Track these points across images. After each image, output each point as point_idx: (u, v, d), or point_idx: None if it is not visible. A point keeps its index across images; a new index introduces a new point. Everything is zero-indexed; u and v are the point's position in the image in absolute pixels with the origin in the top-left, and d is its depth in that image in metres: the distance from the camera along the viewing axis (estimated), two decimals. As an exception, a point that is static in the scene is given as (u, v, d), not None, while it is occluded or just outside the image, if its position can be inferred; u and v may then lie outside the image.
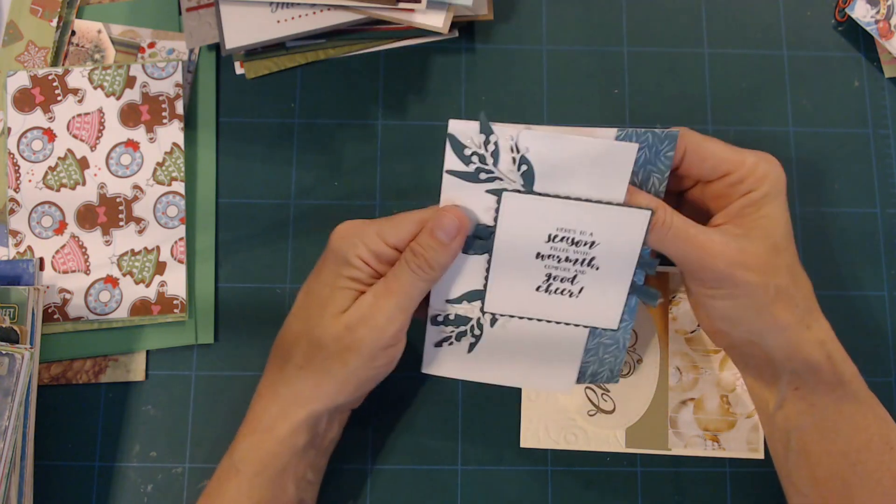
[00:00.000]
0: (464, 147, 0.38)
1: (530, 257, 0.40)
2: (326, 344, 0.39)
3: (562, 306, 0.41)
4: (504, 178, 0.38)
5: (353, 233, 0.40)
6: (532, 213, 0.39)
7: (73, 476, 0.46)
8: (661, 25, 0.53)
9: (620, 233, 0.39)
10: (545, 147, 0.37)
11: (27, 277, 0.47)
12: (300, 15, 0.49)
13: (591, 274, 0.40)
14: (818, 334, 0.40)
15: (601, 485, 0.47)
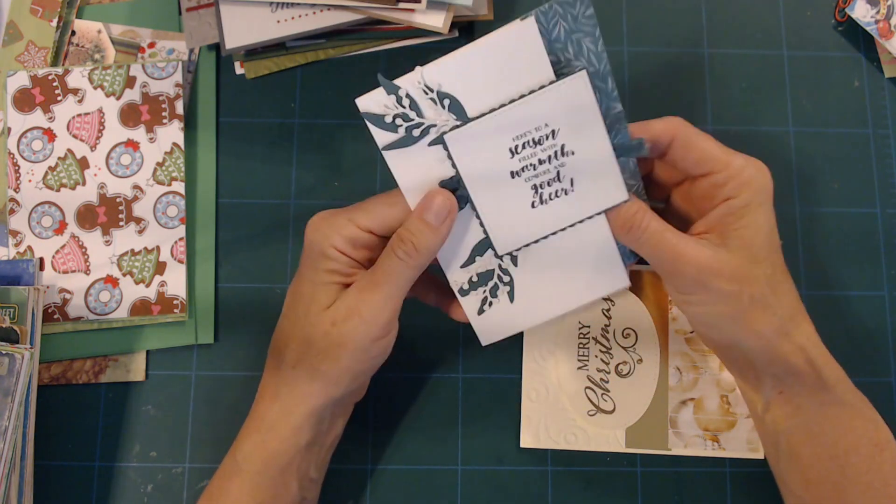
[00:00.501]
0: (382, 117, 0.36)
1: (507, 180, 0.39)
2: (315, 341, 0.39)
3: (565, 207, 0.40)
4: (436, 123, 0.37)
5: (325, 224, 0.39)
6: (482, 139, 0.37)
7: (73, 476, 0.46)
8: (661, 25, 0.53)
9: (571, 106, 0.37)
10: (453, 71, 0.36)
11: (27, 277, 0.47)
12: (300, 15, 0.49)
13: (571, 161, 0.38)
14: (798, 340, 0.39)
15: (601, 485, 0.47)
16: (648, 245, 0.39)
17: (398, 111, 0.37)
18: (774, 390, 0.40)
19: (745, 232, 0.38)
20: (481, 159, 0.38)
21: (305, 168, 0.51)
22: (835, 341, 0.49)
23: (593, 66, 0.37)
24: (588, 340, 0.48)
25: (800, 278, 0.50)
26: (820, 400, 0.39)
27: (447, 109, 0.37)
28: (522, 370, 0.48)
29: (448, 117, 0.37)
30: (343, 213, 0.39)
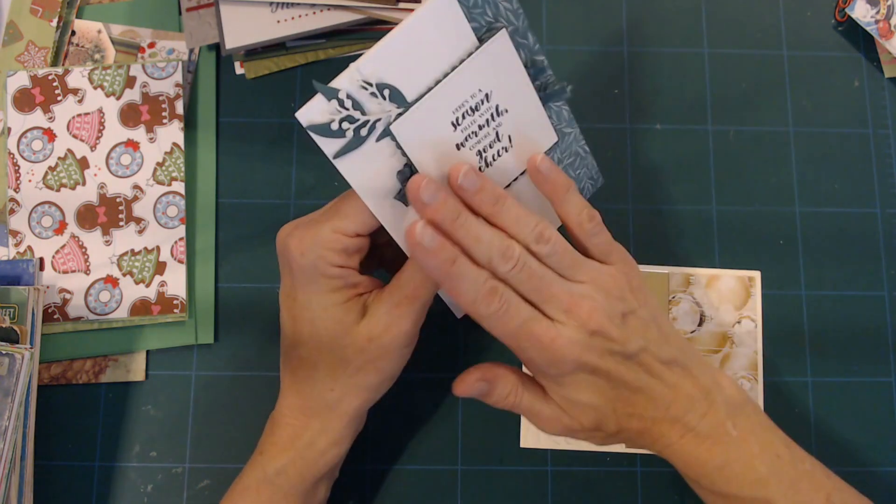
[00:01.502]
0: (328, 125, 0.36)
1: (454, 154, 0.39)
2: (352, 359, 0.39)
3: (507, 164, 0.41)
4: (381, 116, 0.37)
5: (311, 243, 0.38)
6: (426, 121, 0.38)
7: (73, 476, 0.46)
8: (661, 25, 0.53)
9: (498, 66, 0.38)
10: (386, 59, 0.36)
11: (27, 277, 0.47)
12: (300, 15, 0.49)
13: (506, 119, 0.40)
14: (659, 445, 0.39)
15: (601, 485, 0.47)
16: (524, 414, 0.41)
17: (342, 114, 0.36)
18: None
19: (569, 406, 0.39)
20: (428, 140, 0.38)
21: (305, 168, 0.51)
22: (835, 341, 0.49)
23: (512, 24, 0.38)
24: (588, 340, 0.48)
25: (800, 278, 0.50)
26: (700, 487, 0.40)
27: (388, 100, 0.36)
28: (522, 370, 0.48)
29: (390, 107, 0.37)
30: (321, 223, 0.38)
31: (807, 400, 0.48)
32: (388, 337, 0.38)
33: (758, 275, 0.49)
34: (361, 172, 0.37)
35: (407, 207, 0.38)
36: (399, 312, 0.38)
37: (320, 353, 0.39)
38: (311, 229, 0.38)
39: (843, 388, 0.49)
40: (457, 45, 0.37)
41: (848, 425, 0.48)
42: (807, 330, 0.49)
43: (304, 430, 0.40)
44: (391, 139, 0.37)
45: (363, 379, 0.39)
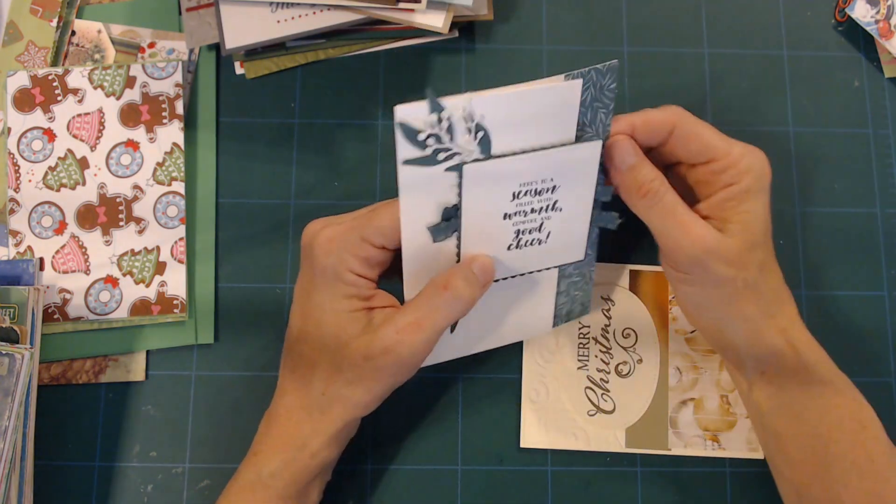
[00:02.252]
0: (417, 132, 0.35)
1: (498, 220, 0.39)
2: (345, 371, 0.38)
3: (533, 255, 0.41)
4: (462, 151, 0.37)
5: (337, 245, 0.38)
6: (494, 178, 0.38)
7: (73, 476, 0.46)
8: (661, 25, 0.53)
9: (577, 169, 0.39)
10: (498, 108, 0.36)
11: (27, 277, 0.47)
12: (300, 15, 0.49)
13: (556, 216, 0.40)
14: (781, 322, 0.40)
15: (601, 485, 0.47)
16: (659, 215, 0.39)
17: (434, 131, 0.35)
18: (756, 371, 0.41)
19: (744, 217, 0.39)
20: (485, 196, 0.38)
21: (305, 168, 0.51)
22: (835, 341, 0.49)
23: (600, 136, 0.39)
24: (588, 340, 0.48)
25: (800, 278, 0.50)
26: (801, 380, 0.40)
27: (477, 141, 0.37)
28: (522, 370, 0.48)
29: (475, 149, 0.37)
30: (352, 229, 0.38)
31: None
32: (384, 360, 0.38)
33: (758, 275, 0.49)
34: (416, 189, 0.37)
35: (433, 243, 0.39)
36: (400, 338, 0.37)
37: (321, 355, 0.39)
38: (341, 232, 0.38)
39: (843, 388, 0.49)
40: (558, 129, 0.38)
41: (848, 425, 0.48)
42: (807, 330, 0.49)
43: (297, 430, 0.40)
44: (458, 175, 0.37)
45: (352, 392, 0.39)
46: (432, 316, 0.38)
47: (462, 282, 0.38)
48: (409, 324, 0.37)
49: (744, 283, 0.39)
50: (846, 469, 0.39)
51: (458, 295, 0.38)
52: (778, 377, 0.41)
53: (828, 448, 0.39)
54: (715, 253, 0.39)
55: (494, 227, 0.39)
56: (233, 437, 0.47)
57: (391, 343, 0.37)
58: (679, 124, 0.40)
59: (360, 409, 0.40)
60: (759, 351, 0.41)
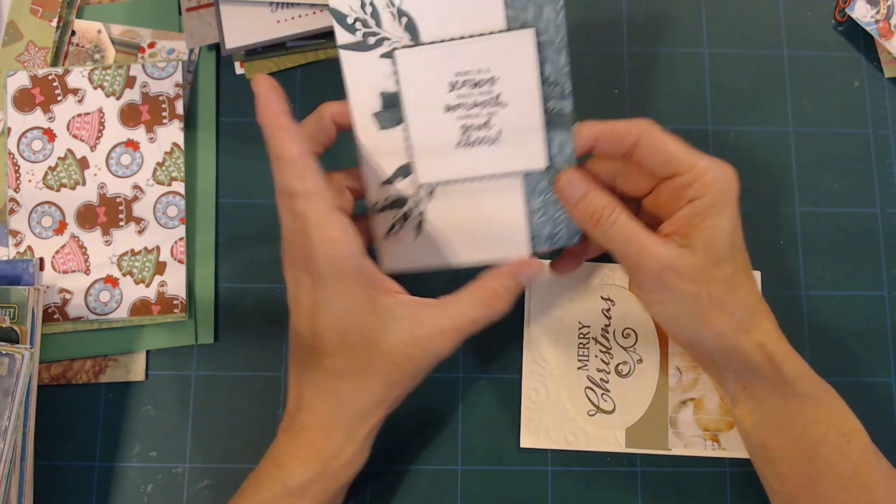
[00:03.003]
0: (345, 16, 0.38)
1: (440, 113, 0.40)
2: (396, 364, 0.39)
3: (486, 156, 0.40)
4: (391, 36, 0.38)
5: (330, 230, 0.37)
6: (427, 66, 0.38)
7: (73, 476, 0.46)
8: (661, 25, 0.53)
9: (514, 61, 0.38)
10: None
11: (27, 277, 0.47)
12: (300, 15, 0.49)
13: (502, 113, 0.40)
14: (757, 337, 0.40)
15: (601, 485, 0.47)
16: (615, 238, 0.39)
17: (359, 15, 0.38)
18: (738, 386, 0.41)
19: (707, 233, 0.38)
20: (423, 84, 0.39)
21: (305, 168, 0.51)
22: (835, 341, 0.49)
23: (549, 34, 0.38)
24: (588, 340, 0.48)
25: (800, 278, 0.50)
26: (783, 393, 0.40)
27: (403, 27, 0.38)
28: (522, 370, 0.48)
29: (403, 35, 0.38)
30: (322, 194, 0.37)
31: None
32: (425, 360, 0.39)
33: (758, 275, 0.49)
34: (356, 75, 0.39)
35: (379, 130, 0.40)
36: (443, 341, 0.39)
37: (349, 364, 0.38)
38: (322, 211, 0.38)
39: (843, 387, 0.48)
40: (485, 17, 0.38)
41: (848, 425, 0.48)
42: (807, 330, 0.49)
43: (327, 441, 0.39)
44: (393, 62, 0.38)
45: (389, 392, 0.39)
46: (470, 327, 0.39)
47: (503, 298, 0.39)
48: (449, 330, 0.38)
49: (709, 299, 0.39)
50: (832, 482, 0.39)
51: (492, 315, 0.39)
52: (759, 391, 0.41)
53: (813, 462, 0.39)
54: (673, 270, 0.38)
55: (438, 120, 0.40)
56: (233, 437, 0.47)
57: (433, 347, 0.38)
58: (644, 135, 0.39)
59: (395, 404, 0.40)
60: (737, 366, 0.41)
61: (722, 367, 0.41)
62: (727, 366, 0.41)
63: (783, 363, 0.40)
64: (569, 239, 0.42)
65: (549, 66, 0.39)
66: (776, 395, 0.40)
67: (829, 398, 0.41)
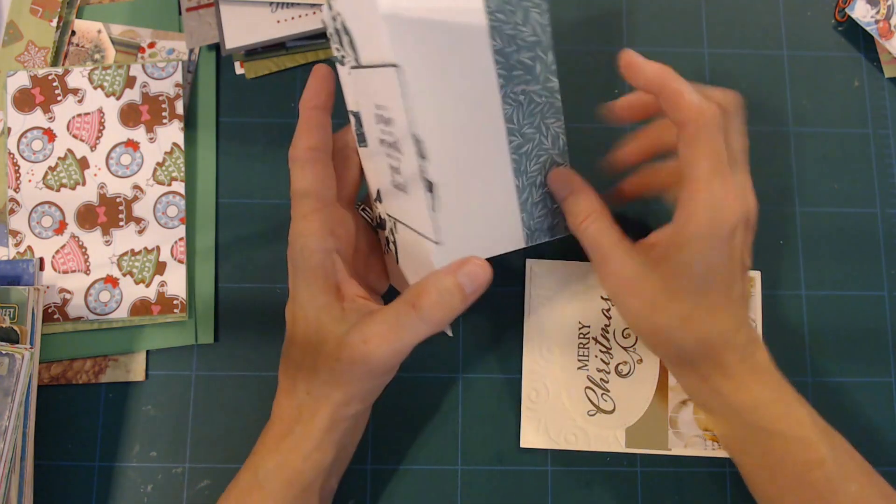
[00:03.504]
0: (328, 29, 0.35)
1: (377, 144, 0.36)
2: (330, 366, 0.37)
3: (406, 205, 0.36)
4: (347, 55, 0.35)
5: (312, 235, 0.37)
6: (360, 92, 0.35)
7: (73, 476, 0.46)
8: (661, 25, 0.53)
9: (393, 101, 0.32)
10: (348, 7, 0.33)
11: (27, 277, 0.47)
12: (300, 15, 0.49)
13: (403, 160, 0.34)
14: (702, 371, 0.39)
15: (601, 485, 0.47)
16: (585, 245, 0.39)
17: (331, 29, 0.36)
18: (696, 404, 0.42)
19: (677, 264, 0.37)
20: (365, 109, 0.36)
21: (305, 168, 0.51)
22: (835, 341, 0.49)
23: (537, 35, 0.35)
24: (588, 340, 0.48)
25: (800, 278, 0.50)
26: (738, 422, 0.40)
27: (350, 46, 0.34)
28: (522, 370, 0.48)
29: (352, 54, 0.35)
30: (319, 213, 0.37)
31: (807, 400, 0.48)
32: (353, 366, 0.36)
33: (758, 275, 0.49)
34: (344, 87, 0.37)
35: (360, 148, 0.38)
36: (367, 349, 0.36)
37: (304, 355, 0.39)
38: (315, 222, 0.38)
39: (843, 388, 0.49)
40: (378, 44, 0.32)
41: (848, 425, 0.48)
42: (807, 330, 0.49)
43: (289, 432, 0.39)
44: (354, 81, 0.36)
45: (330, 392, 0.38)
46: (399, 333, 0.36)
47: (434, 301, 0.35)
48: (376, 335, 0.36)
49: (655, 328, 0.38)
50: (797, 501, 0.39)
51: (424, 317, 0.35)
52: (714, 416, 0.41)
53: (775, 482, 0.39)
54: (627, 288, 0.38)
55: (379, 151, 0.36)
56: (233, 437, 0.47)
57: (359, 353, 0.36)
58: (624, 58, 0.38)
59: (342, 408, 0.38)
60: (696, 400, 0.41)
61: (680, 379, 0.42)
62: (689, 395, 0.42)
63: (732, 395, 0.39)
64: (568, 228, 0.41)
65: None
66: (731, 424, 0.40)
67: (790, 428, 0.38)
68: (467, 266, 0.35)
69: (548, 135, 0.38)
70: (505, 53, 0.34)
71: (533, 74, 0.36)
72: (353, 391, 0.38)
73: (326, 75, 0.39)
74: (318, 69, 0.38)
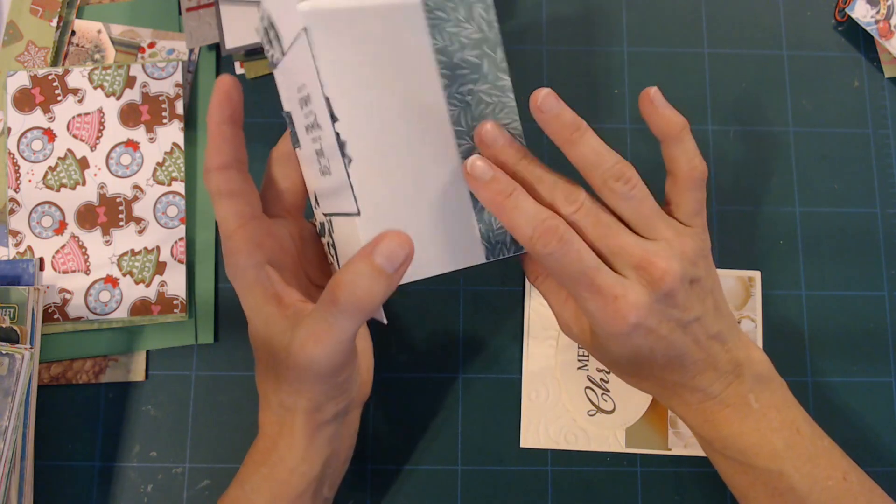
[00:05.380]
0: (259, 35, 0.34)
1: (305, 135, 0.34)
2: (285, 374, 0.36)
3: (332, 190, 0.34)
4: (275, 52, 0.34)
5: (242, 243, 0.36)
6: (287, 85, 0.34)
7: (73, 476, 0.46)
8: (661, 25, 0.53)
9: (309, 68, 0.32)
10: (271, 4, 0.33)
11: (27, 277, 0.47)
12: (300, 15, 0.49)
13: (324, 136, 0.33)
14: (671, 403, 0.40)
15: (601, 485, 0.47)
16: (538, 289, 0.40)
17: (262, 33, 0.35)
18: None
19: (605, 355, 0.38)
20: (292, 101, 0.35)
21: (305, 168, 0.51)
22: (835, 342, 0.49)
23: (483, 32, 0.34)
24: (588, 340, 0.48)
25: (800, 278, 0.50)
26: (709, 448, 0.40)
27: (277, 40, 0.34)
28: (522, 370, 0.48)
29: (278, 49, 0.34)
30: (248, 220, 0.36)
31: (807, 400, 0.48)
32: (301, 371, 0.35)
33: (758, 275, 0.49)
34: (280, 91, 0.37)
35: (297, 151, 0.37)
36: (305, 353, 0.34)
37: (265, 365, 0.37)
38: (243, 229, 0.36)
39: (843, 388, 0.49)
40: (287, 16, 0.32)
41: (848, 425, 0.48)
42: (807, 330, 0.49)
43: (274, 446, 0.37)
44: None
45: (296, 400, 0.36)
46: (328, 331, 0.33)
47: (350, 291, 0.32)
48: (309, 338, 0.34)
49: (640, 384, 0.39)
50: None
51: (345, 309, 0.32)
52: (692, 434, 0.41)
53: (747, 498, 0.39)
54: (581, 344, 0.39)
55: (306, 144, 0.35)
56: (233, 437, 0.47)
57: (301, 358, 0.34)
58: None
59: (315, 414, 0.36)
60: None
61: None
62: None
63: (697, 427, 0.39)
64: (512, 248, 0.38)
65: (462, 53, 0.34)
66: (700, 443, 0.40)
67: (761, 460, 0.37)
68: (382, 244, 0.32)
69: None
70: (447, 52, 0.33)
71: (480, 73, 0.34)
72: (316, 396, 0.36)
73: (230, 86, 0.36)
74: (220, 80, 0.35)
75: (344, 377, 0.36)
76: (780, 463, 0.37)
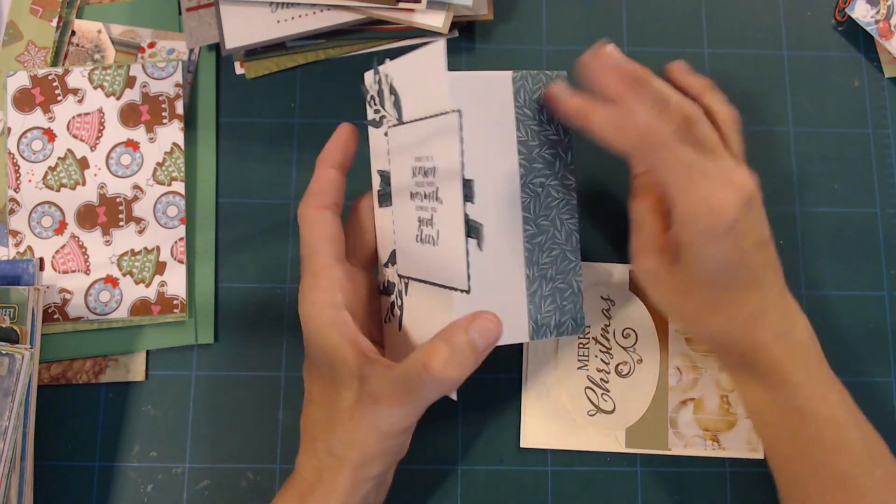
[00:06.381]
0: (367, 92, 0.37)
1: (407, 200, 0.36)
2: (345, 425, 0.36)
3: (430, 259, 0.35)
4: (388, 114, 0.36)
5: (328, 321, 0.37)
6: (403, 147, 0.35)
7: (73, 476, 0.46)
8: (661, 25, 0.53)
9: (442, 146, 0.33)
10: (399, 69, 0.34)
11: (27, 277, 0.47)
12: (300, 15, 0.49)
13: (441, 210, 0.34)
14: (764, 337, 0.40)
15: (601, 485, 0.47)
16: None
17: (372, 92, 0.37)
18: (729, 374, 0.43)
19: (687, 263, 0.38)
20: (401, 167, 0.36)
21: (305, 168, 0.51)
22: (835, 341, 0.49)
23: (559, 135, 0.38)
24: (588, 340, 0.48)
25: (800, 278, 0.50)
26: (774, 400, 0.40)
27: (393, 104, 0.36)
28: (522, 370, 0.48)
29: (393, 112, 0.36)
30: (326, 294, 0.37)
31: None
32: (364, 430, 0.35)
33: (758, 275, 0.49)
34: (373, 150, 0.39)
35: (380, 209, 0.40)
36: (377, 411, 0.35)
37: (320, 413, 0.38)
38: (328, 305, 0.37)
39: (843, 388, 0.49)
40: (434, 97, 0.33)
41: (848, 425, 0.48)
42: (807, 330, 0.49)
43: (311, 492, 0.37)
44: (388, 141, 0.37)
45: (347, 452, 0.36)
46: (410, 394, 0.34)
47: (445, 360, 0.33)
48: (386, 396, 0.34)
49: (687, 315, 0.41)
50: (821, 484, 0.39)
51: (435, 377, 0.33)
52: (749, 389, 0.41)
53: (802, 461, 0.39)
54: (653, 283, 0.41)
55: (406, 207, 0.36)
56: (233, 437, 0.47)
57: (370, 414, 0.35)
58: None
59: (362, 469, 0.36)
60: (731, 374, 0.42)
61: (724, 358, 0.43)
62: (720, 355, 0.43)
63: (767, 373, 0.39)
64: (575, 329, 0.40)
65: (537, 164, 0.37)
66: (764, 400, 0.40)
67: (822, 409, 0.39)
68: (479, 321, 0.34)
69: (562, 230, 0.38)
70: (528, 146, 0.37)
71: (552, 170, 0.38)
72: (369, 451, 0.36)
73: (350, 135, 0.39)
74: (342, 129, 0.39)
75: (402, 440, 0.37)
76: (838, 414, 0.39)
